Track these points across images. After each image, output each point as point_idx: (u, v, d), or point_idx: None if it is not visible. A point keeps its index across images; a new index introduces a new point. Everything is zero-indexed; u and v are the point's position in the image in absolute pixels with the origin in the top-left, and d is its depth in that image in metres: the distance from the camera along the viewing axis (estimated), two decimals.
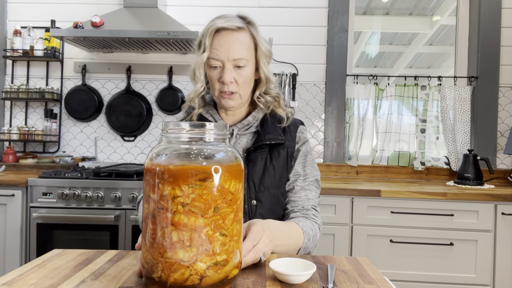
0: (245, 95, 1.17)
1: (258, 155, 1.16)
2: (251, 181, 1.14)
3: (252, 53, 1.15)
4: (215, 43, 1.11)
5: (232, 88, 1.12)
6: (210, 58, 1.11)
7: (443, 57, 3.85)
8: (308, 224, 1.12)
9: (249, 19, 1.17)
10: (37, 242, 2.14)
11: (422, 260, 2.10)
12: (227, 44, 1.10)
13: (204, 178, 0.68)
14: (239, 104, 1.17)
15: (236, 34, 1.12)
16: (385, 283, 0.80)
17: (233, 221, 0.72)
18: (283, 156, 1.19)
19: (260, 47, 1.15)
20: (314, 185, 1.22)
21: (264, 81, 1.19)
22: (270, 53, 1.19)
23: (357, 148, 2.69)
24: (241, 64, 1.11)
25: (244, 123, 1.21)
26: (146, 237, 0.70)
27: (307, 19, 2.74)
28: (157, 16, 2.48)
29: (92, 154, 2.79)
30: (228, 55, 1.10)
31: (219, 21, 1.13)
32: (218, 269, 0.69)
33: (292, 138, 1.22)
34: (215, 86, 1.14)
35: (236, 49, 1.10)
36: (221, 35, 1.11)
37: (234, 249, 0.72)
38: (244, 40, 1.12)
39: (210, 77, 1.15)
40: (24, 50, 2.67)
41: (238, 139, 1.21)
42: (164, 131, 0.72)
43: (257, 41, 1.15)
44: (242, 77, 1.13)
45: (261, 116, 1.22)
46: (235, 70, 1.12)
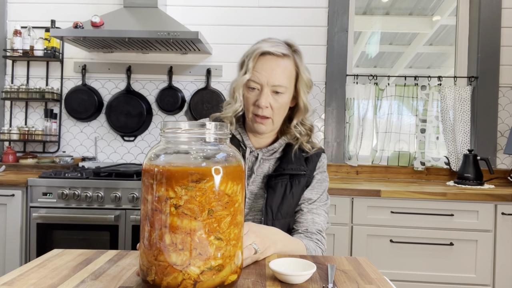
0: (278, 122, 1.17)
1: (279, 182, 1.16)
2: (269, 207, 1.14)
3: (292, 81, 1.15)
4: (258, 66, 1.12)
5: (267, 113, 1.12)
6: (250, 80, 1.12)
7: (443, 57, 3.85)
8: (311, 245, 1.12)
9: (295, 47, 1.17)
10: (37, 242, 2.14)
11: (422, 260, 2.10)
12: (269, 69, 1.11)
13: (198, 179, 0.66)
14: (270, 130, 1.17)
15: (281, 60, 1.12)
16: (385, 283, 0.80)
17: (229, 224, 0.69)
18: (303, 185, 1.19)
19: (302, 77, 1.16)
20: (323, 209, 1.21)
21: (302, 110, 1.19)
22: (311, 82, 1.19)
23: (357, 148, 2.69)
24: (280, 90, 1.12)
25: (270, 149, 1.21)
26: (142, 239, 0.69)
27: (307, 19, 2.74)
28: (157, 16, 2.48)
29: (92, 154, 2.79)
30: (269, 80, 1.10)
31: (266, 44, 1.13)
32: (213, 274, 0.67)
33: (312, 167, 1.22)
34: (249, 108, 1.15)
35: (278, 75, 1.11)
36: (265, 59, 1.12)
37: (232, 253, 0.70)
38: (286, 68, 1.13)
39: (247, 98, 1.15)
40: (24, 50, 2.67)
41: (262, 164, 1.21)
42: (162, 131, 0.71)
43: (300, 70, 1.16)
44: (278, 104, 1.13)
45: (286, 142, 1.22)
46: (272, 95, 1.12)
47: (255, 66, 1.12)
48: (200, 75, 2.78)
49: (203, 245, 0.66)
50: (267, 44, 1.13)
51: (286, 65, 1.13)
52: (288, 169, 1.16)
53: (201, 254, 0.66)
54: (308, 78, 1.18)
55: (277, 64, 1.12)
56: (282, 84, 1.11)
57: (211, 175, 0.67)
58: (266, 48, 1.12)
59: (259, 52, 1.12)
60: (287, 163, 1.18)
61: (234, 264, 0.71)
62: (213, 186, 0.66)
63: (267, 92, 1.11)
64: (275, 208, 1.14)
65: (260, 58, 1.12)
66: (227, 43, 2.76)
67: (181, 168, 0.66)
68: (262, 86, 1.11)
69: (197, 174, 0.66)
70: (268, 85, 1.11)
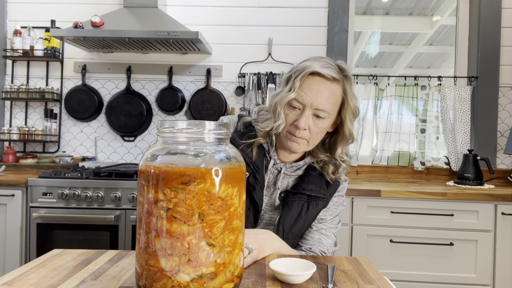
0: (313, 145, 1.13)
1: (296, 200, 1.12)
2: (281, 225, 1.11)
3: (337, 107, 1.10)
4: (305, 85, 1.06)
5: (303, 135, 1.08)
6: (293, 99, 1.07)
7: (443, 57, 3.85)
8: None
9: (347, 72, 1.11)
10: (37, 242, 2.14)
11: (422, 260, 2.10)
12: (316, 91, 1.06)
13: (188, 181, 0.62)
14: (302, 151, 1.14)
15: (330, 84, 1.07)
16: (385, 283, 0.80)
17: (223, 230, 0.65)
18: (320, 207, 1.15)
19: (349, 104, 1.10)
20: (333, 231, 1.18)
21: (347, 138, 1.14)
22: (357, 111, 1.14)
23: (357, 148, 2.69)
24: (321, 115, 1.07)
25: (294, 165, 1.18)
26: (137, 241, 0.68)
27: (307, 19, 2.74)
28: (157, 16, 2.48)
29: (92, 154, 2.79)
30: (313, 102, 1.06)
31: (317, 64, 1.08)
32: (204, 282, 0.63)
33: (332, 191, 1.18)
34: (286, 126, 1.10)
35: (323, 99, 1.06)
36: (313, 80, 1.07)
37: (226, 261, 0.66)
38: (333, 93, 1.07)
39: (286, 115, 1.09)
40: (24, 50, 2.67)
41: (283, 179, 1.18)
42: (158, 131, 0.69)
43: (347, 97, 1.10)
44: (317, 128, 1.08)
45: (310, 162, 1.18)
46: (313, 118, 1.07)
47: (301, 85, 1.06)
48: (200, 75, 2.78)
49: (193, 251, 0.63)
50: (318, 64, 1.08)
51: (334, 90, 1.08)
52: (308, 189, 1.13)
53: (191, 261, 0.63)
54: (355, 106, 1.12)
55: (325, 87, 1.06)
56: (326, 109, 1.06)
57: (202, 177, 0.63)
58: (317, 68, 1.06)
59: (308, 72, 1.06)
60: (307, 183, 1.14)
61: (229, 272, 0.67)
62: (205, 189, 0.63)
63: (308, 114, 1.07)
64: (287, 227, 1.11)
65: (308, 77, 1.07)
66: (227, 43, 2.76)
67: (171, 169, 0.63)
68: (304, 106, 1.07)
69: (186, 176, 0.62)
70: (311, 108, 1.06)
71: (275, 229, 1.10)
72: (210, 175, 0.64)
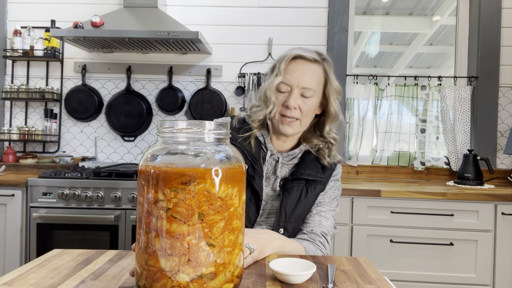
0: (304, 126, 1.20)
1: (295, 186, 1.18)
2: (283, 209, 1.15)
3: (321, 86, 1.18)
4: (289, 68, 1.15)
5: (295, 114, 1.15)
6: (280, 82, 1.15)
7: (443, 57, 3.85)
8: (311, 247, 1.13)
9: (325, 56, 1.21)
10: (37, 242, 2.14)
11: (422, 260, 2.10)
12: (299, 71, 1.15)
13: (187, 181, 0.62)
14: (296, 133, 1.19)
15: (311, 64, 1.16)
16: (385, 283, 0.80)
17: (223, 230, 0.65)
18: (318, 190, 1.20)
19: (331, 83, 1.19)
20: (331, 214, 1.23)
21: (333, 117, 1.21)
22: (340, 90, 1.22)
23: (357, 148, 2.69)
24: (308, 94, 1.15)
25: (290, 153, 1.23)
26: (137, 241, 0.68)
27: (307, 19, 2.74)
28: (157, 16, 2.48)
29: (92, 154, 2.79)
30: (299, 82, 1.14)
31: (297, 50, 1.18)
32: (204, 282, 0.63)
33: (328, 175, 1.23)
34: (278, 109, 1.17)
35: (307, 78, 1.14)
36: (296, 62, 1.16)
37: (226, 261, 0.66)
38: (316, 72, 1.16)
39: (276, 100, 1.17)
40: (24, 50, 2.67)
41: (281, 168, 1.23)
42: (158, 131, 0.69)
43: (329, 77, 1.19)
44: (306, 106, 1.15)
45: (306, 149, 1.24)
46: (301, 98, 1.15)
47: (286, 69, 1.15)
48: (200, 75, 2.78)
49: (193, 251, 0.62)
50: (299, 50, 1.18)
51: (316, 70, 1.17)
52: (305, 174, 1.18)
53: (191, 261, 0.62)
54: (337, 85, 1.20)
55: (308, 68, 1.16)
56: (311, 87, 1.15)
57: (202, 177, 0.63)
58: (298, 52, 1.16)
59: (291, 56, 1.16)
60: (304, 168, 1.20)
61: (229, 272, 0.67)
62: (204, 189, 0.63)
63: (296, 94, 1.14)
64: (289, 211, 1.15)
65: (292, 61, 1.16)
66: (227, 43, 2.76)
67: (170, 169, 0.63)
68: (292, 87, 1.14)
69: (186, 176, 0.62)
70: (297, 87, 1.14)
71: (277, 215, 1.15)
72: (210, 175, 0.64)
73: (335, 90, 1.20)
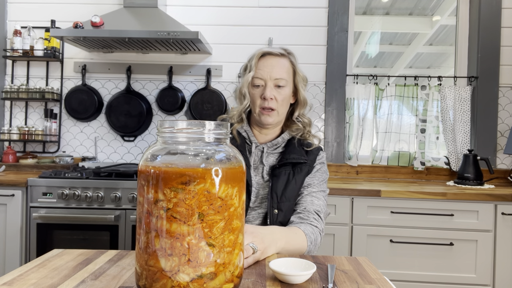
0: (282, 114, 1.31)
1: (282, 171, 1.28)
2: (274, 193, 1.25)
3: (291, 76, 1.31)
4: (260, 64, 1.28)
5: (272, 105, 1.26)
6: (254, 77, 1.28)
7: (443, 57, 3.85)
8: (308, 229, 1.16)
9: (289, 50, 1.34)
10: (37, 242, 2.14)
11: (422, 260, 2.10)
12: (270, 65, 1.27)
13: (187, 181, 0.62)
14: (276, 122, 1.30)
15: (279, 58, 1.29)
16: (385, 283, 0.80)
17: (223, 230, 0.65)
18: (305, 172, 1.30)
19: (298, 73, 1.33)
20: (322, 194, 1.30)
21: (302, 103, 1.35)
22: (306, 79, 1.36)
23: (357, 148, 2.69)
24: (281, 84, 1.27)
25: (274, 143, 1.33)
26: (137, 241, 0.68)
27: (307, 19, 2.74)
28: (157, 16, 2.48)
29: (92, 154, 2.79)
30: (271, 74, 1.27)
31: (265, 48, 1.32)
32: (204, 282, 0.63)
33: (313, 159, 1.34)
34: (256, 103, 1.29)
35: (278, 70, 1.27)
36: (265, 58, 1.29)
37: (226, 261, 0.66)
38: (284, 64, 1.29)
39: (253, 95, 1.29)
40: (24, 50, 2.67)
41: (267, 157, 1.33)
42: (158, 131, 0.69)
43: (296, 67, 1.33)
44: (281, 96, 1.27)
45: (288, 138, 1.35)
46: (276, 89, 1.27)
47: (257, 65, 1.28)
48: (200, 75, 2.78)
49: (193, 251, 0.62)
50: (266, 48, 1.32)
51: (284, 62, 1.30)
52: (290, 158, 1.28)
53: (191, 261, 0.62)
54: (303, 74, 1.35)
55: (277, 61, 1.28)
56: (283, 77, 1.27)
57: (202, 177, 0.63)
58: (266, 49, 1.30)
59: (260, 53, 1.29)
60: (289, 154, 1.30)
61: (229, 272, 0.67)
62: (204, 189, 0.63)
63: (271, 86, 1.26)
64: (279, 193, 1.24)
65: (261, 58, 1.29)
66: (227, 43, 2.76)
67: (170, 169, 0.63)
68: (265, 81, 1.27)
69: (186, 176, 0.62)
70: (271, 80, 1.26)
71: (269, 198, 1.24)
72: (210, 175, 0.64)
73: (302, 78, 1.34)
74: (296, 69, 1.33)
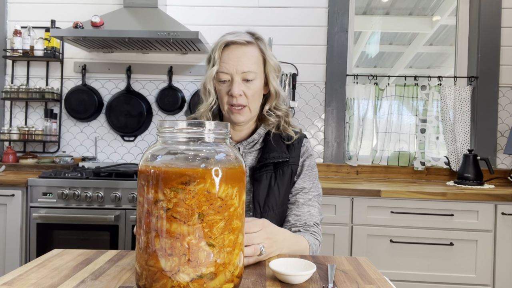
0: (255, 110, 1.17)
1: (263, 174, 1.15)
2: (256, 202, 1.13)
3: (261, 67, 1.16)
4: (224, 56, 1.12)
5: (241, 101, 1.12)
6: (219, 72, 1.12)
7: (443, 57, 3.85)
8: (311, 239, 1.13)
9: (258, 35, 1.18)
10: (37, 242, 2.14)
11: (422, 260, 2.10)
12: (236, 57, 1.11)
13: (187, 181, 0.62)
14: (248, 119, 1.17)
15: (245, 48, 1.13)
16: (385, 283, 0.80)
17: (223, 230, 0.65)
18: (288, 174, 1.18)
19: (269, 62, 1.16)
20: (317, 200, 1.22)
21: (274, 95, 1.19)
22: (279, 67, 1.20)
23: (357, 148, 2.69)
24: (250, 77, 1.12)
25: (249, 141, 1.20)
26: (137, 241, 0.68)
27: (307, 19, 2.74)
28: (157, 16, 2.48)
29: (92, 154, 2.79)
30: (237, 68, 1.11)
31: (229, 36, 1.14)
32: (204, 282, 0.63)
33: (296, 154, 1.21)
34: (224, 100, 1.14)
35: (245, 62, 1.11)
36: (230, 49, 1.13)
37: (226, 261, 0.66)
38: (252, 54, 1.13)
39: (219, 91, 1.15)
40: (24, 50, 2.67)
41: (245, 157, 1.20)
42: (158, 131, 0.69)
43: (266, 55, 1.16)
44: (251, 90, 1.13)
45: (265, 132, 1.21)
46: (244, 83, 1.12)
47: (221, 57, 1.13)
48: (200, 75, 2.77)
49: (193, 251, 0.62)
50: (230, 35, 1.14)
51: (252, 51, 1.13)
52: (270, 157, 1.15)
53: (191, 261, 0.62)
54: (275, 62, 1.18)
55: (243, 51, 1.12)
56: (251, 70, 1.12)
57: (202, 177, 0.63)
58: (229, 38, 1.13)
59: (223, 43, 1.13)
60: (268, 152, 1.17)
61: (229, 272, 0.67)
62: (204, 189, 0.63)
63: (238, 80, 1.11)
64: (262, 202, 1.13)
65: (225, 49, 1.13)
66: None
67: (170, 169, 0.63)
68: (232, 75, 1.12)
69: (186, 176, 0.62)
70: (237, 73, 1.11)
71: (252, 209, 1.12)
72: (210, 175, 0.63)
73: (274, 68, 1.18)
74: (266, 57, 1.16)
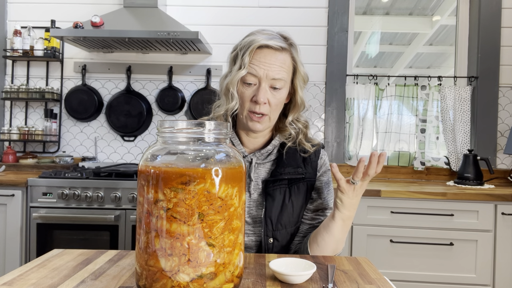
0: (274, 119, 1.11)
1: (277, 189, 1.09)
2: (268, 218, 1.08)
3: (290, 75, 1.09)
4: (255, 59, 1.04)
5: (264, 110, 1.05)
6: (247, 74, 1.05)
7: (443, 57, 3.85)
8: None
9: (291, 40, 1.11)
10: (37, 242, 2.14)
11: (422, 260, 2.10)
12: (268, 62, 1.04)
13: (187, 181, 0.62)
14: (265, 129, 1.10)
15: (279, 54, 1.06)
16: (385, 283, 0.80)
17: (223, 230, 0.65)
18: (303, 192, 1.12)
19: (299, 71, 1.10)
20: None
21: (299, 106, 1.13)
22: (307, 77, 1.14)
23: (357, 148, 2.69)
24: (278, 85, 1.05)
25: (263, 152, 1.14)
26: (137, 241, 0.68)
27: (307, 19, 2.74)
28: (157, 16, 2.48)
29: (92, 154, 2.79)
30: (268, 73, 1.04)
31: (262, 37, 1.05)
32: (204, 282, 0.63)
33: (313, 169, 1.15)
34: (245, 105, 1.07)
35: (276, 69, 1.04)
36: (262, 52, 1.05)
37: (226, 261, 0.66)
38: (285, 61, 1.07)
39: (242, 93, 1.07)
40: (24, 50, 2.67)
41: (257, 169, 1.13)
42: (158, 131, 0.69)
43: (297, 64, 1.10)
44: (276, 99, 1.06)
45: (280, 142, 1.15)
46: (270, 91, 1.05)
47: (252, 60, 1.04)
48: (200, 75, 2.78)
49: (193, 251, 0.62)
50: (263, 37, 1.06)
51: (284, 59, 1.06)
52: (285, 173, 1.10)
53: (191, 261, 0.62)
54: (304, 72, 1.12)
55: (276, 58, 1.05)
56: (282, 78, 1.05)
57: (202, 177, 0.63)
58: (264, 41, 1.04)
59: (256, 46, 1.04)
60: (283, 167, 1.10)
61: (229, 272, 0.67)
62: (204, 189, 0.63)
63: (265, 87, 1.04)
64: (274, 219, 1.08)
65: (257, 51, 1.05)
66: (227, 43, 2.76)
67: (170, 169, 0.63)
68: (260, 80, 1.04)
69: (186, 176, 0.62)
70: (267, 79, 1.04)
71: (263, 224, 1.08)
72: (210, 175, 0.64)
73: (303, 78, 1.12)
74: (297, 66, 1.09)
